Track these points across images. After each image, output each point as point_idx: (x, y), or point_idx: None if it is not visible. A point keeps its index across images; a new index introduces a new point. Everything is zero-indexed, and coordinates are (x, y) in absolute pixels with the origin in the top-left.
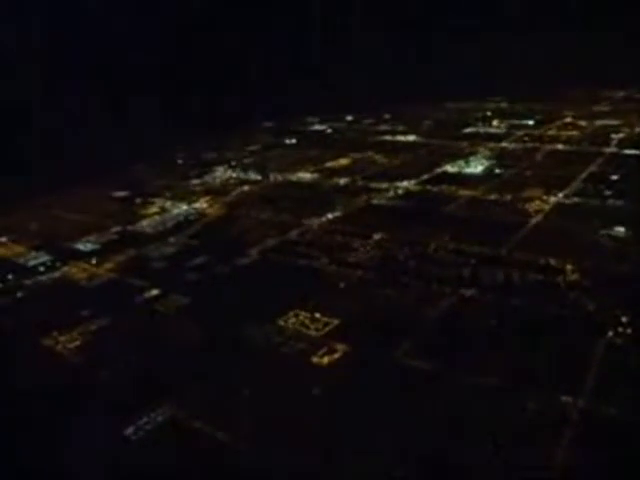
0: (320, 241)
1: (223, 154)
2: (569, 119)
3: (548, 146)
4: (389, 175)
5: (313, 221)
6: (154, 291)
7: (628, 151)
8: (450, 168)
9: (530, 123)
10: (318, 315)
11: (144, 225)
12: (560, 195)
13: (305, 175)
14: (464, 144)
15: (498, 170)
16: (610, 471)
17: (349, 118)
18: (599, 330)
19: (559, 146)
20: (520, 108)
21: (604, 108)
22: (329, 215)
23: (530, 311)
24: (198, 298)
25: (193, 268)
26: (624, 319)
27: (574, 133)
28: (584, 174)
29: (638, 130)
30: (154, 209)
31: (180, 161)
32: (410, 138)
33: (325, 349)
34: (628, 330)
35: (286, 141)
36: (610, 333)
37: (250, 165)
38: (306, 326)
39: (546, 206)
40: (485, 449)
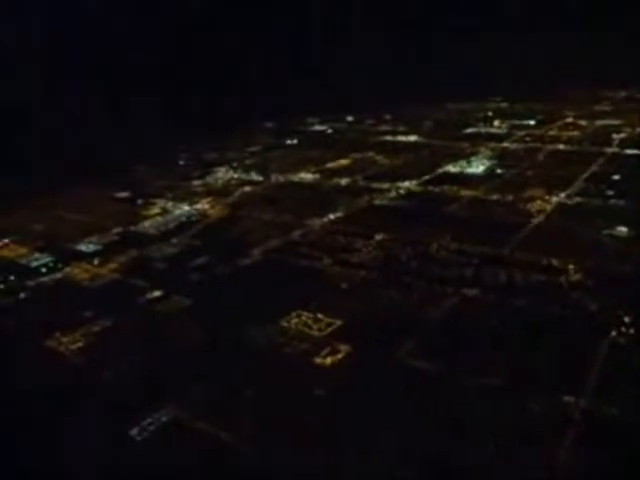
0: (322, 242)
1: (224, 155)
2: (570, 119)
3: (549, 146)
4: (390, 175)
5: (315, 222)
6: (156, 292)
7: (630, 151)
8: (452, 168)
9: (531, 123)
10: (321, 316)
11: (146, 226)
12: (562, 195)
13: (306, 176)
14: (465, 144)
15: (500, 170)
16: (613, 471)
17: (350, 118)
18: (602, 330)
19: (560, 146)
20: (521, 108)
21: (605, 108)
22: (331, 215)
23: (533, 311)
24: (200, 299)
25: (195, 269)
26: (627, 319)
27: (575, 133)
28: (586, 174)
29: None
30: (156, 210)
31: (181, 162)
32: (411, 138)
33: (328, 350)
34: (631, 330)
35: (287, 142)
36: (613, 333)
37: (251, 166)
38: (309, 326)
39: (548, 206)
40: (487, 449)
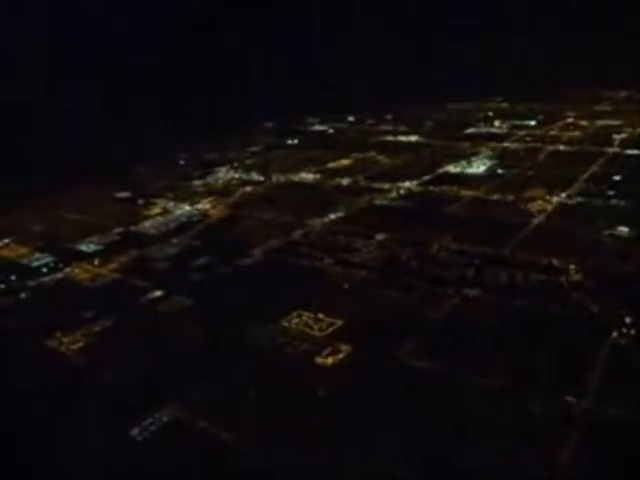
0: (323, 241)
1: (225, 155)
2: (570, 119)
3: (550, 146)
4: (391, 175)
5: (316, 222)
6: (157, 292)
7: (630, 151)
8: (452, 168)
9: (531, 123)
10: (321, 315)
11: (147, 226)
12: (562, 195)
13: (307, 176)
14: (466, 144)
15: (500, 170)
16: (614, 472)
17: (350, 118)
18: (603, 331)
19: (561, 146)
20: (521, 108)
21: (605, 108)
22: (332, 215)
23: (533, 312)
24: (201, 299)
25: (196, 269)
26: (628, 320)
27: (576, 133)
28: (586, 174)
29: None
30: (156, 210)
31: (182, 161)
32: (412, 138)
33: (329, 350)
34: (632, 331)
35: (288, 142)
36: (614, 334)
37: (252, 166)
38: (310, 326)
39: (549, 206)
40: (488, 450)
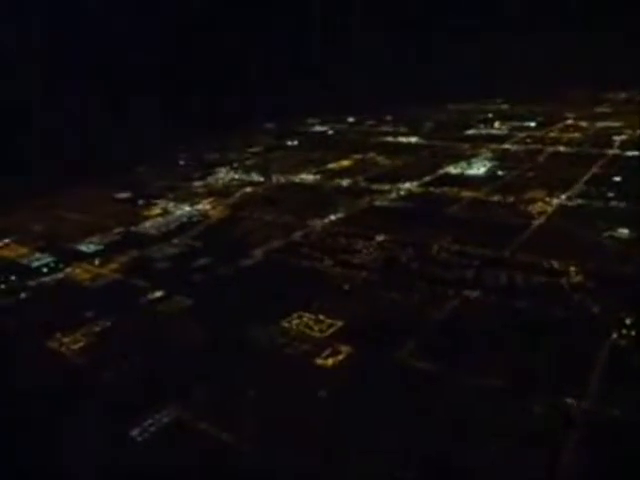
0: (323, 243)
1: (225, 155)
2: (570, 121)
3: (550, 148)
4: (391, 176)
5: (316, 222)
6: (157, 292)
7: (630, 153)
8: (452, 170)
9: (532, 125)
10: (322, 316)
11: (147, 226)
12: (563, 197)
13: (307, 177)
14: (466, 146)
15: (500, 172)
16: (613, 472)
17: (350, 119)
18: (603, 332)
19: (561, 148)
20: (521, 110)
21: (605, 110)
22: (332, 216)
23: (534, 313)
24: (201, 299)
25: (196, 269)
26: (628, 321)
27: (576, 135)
28: (586, 176)
29: None
30: (157, 210)
31: (182, 162)
32: (412, 139)
33: (329, 350)
34: (632, 332)
35: (288, 142)
36: (614, 335)
37: (252, 166)
38: (310, 327)
39: (549, 208)
40: (488, 450)
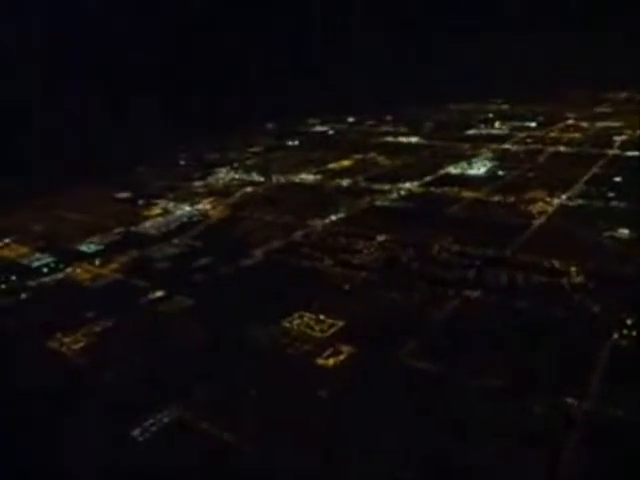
0: (324, 243)
1: (225, 155)
2: (571, 121)
3: (550, 148)
4: (392, 176)
5: (317, 222)
6: (158, 292)
7: (630, 153)
8: (453, 170)
9: (532, 125)
10: (323, 316)
11: (147, 226)
12: (563, 197)
13: (308, 177)
14: (466, 146)
15: (501, 172)
16: (614, 472)
17: (351, 119)
18: (604, 332)
19: (561, 148)
20: (521, 110)
21: (606, 110)
22: (332, 217)
23: (534, 313)
24: (202, 299)
25: (197, 269)
26: (629, 321)
27: (576, 135)
28: (587, 176)
29: None
30: (157, 210)
31: (182, 162)
32: (412, 139)
33: (330, 350)
34: (633, 332)
35: (288, 142)
36: (615, 335)
37: (253, 166)
38: (311, 327)
39: (549, 208)
40: (488, 450)
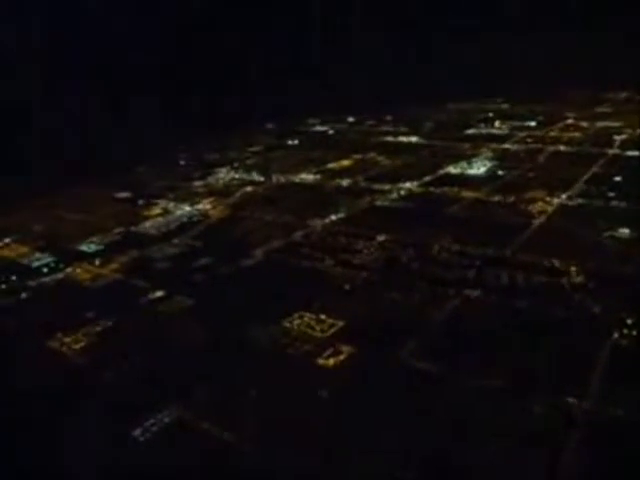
0: (324, 242)
1: (225, 155)
2: (571, 120)
3: (550, 147)
4: (392, 176)
5: (317, 222)
6: (158, 292)
7: (630, 153)
8: (453, 169)
9: (532, 124)
10: (323, 316)
11: (147, 226)
12: (563, 197)
13: (308, 176)
14: (466, 145)
15: (501, 172)
16: (616, 473)
17: (350, 119)
18: (604, 332)
19: (561, 147)
20: (521, 109)
21: (606, 109)
22: (332, 216)
23: (535, 313)
24: (202, 299)
25: (197, 269)
26: (629, 321)
27: (576, 134)
28: (587, 175)
29: None
30: (157, 210)
31: (182, 162)
32: (412, 139)
33: (331, 350)
34: (633, 332)
35: (288, 142)
36: (615, 335)
37: (253, 166)
38: (311, 327)
39: (549, 207)
40: (488, 450)
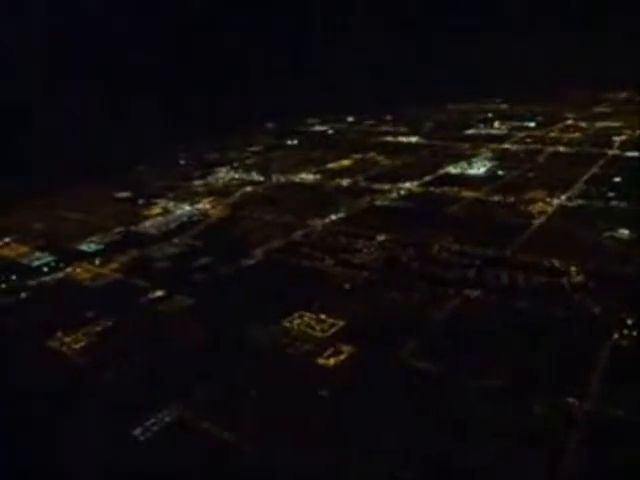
0: (324, 242)
1: (225, 155)
2: (570, 121)
3: (550, 148)
4: (391, 176)
5: (317, 222)
6: (158, 292)
7: (630, 153)
8: (452, 169)
9: (531, 125)
10: (323, 316)
11: (147, 226)
12: (563, 197)
13: (308, 176)
14: (466, 145)
15: (500, 172)
16: (616, 473)
17: (350, 119)
18: (604, 332)
19: (561, 148)
20: (521, 110)
21: (605, 110)
22: (332, 216)
23: (535, 313)
24: (202, 299)
25: (197, 269)
26: (629, 321)
27: (576, 135)
28: (586, 176)
29: None
30: (157, 210)
31: (182, 161)
32: (412, 139)
33: (331, 350)
34: (633, 332)
35: (288, 142)
36: (615, 335)
37: (252, 166)
38: (311, 327)
39: (549, 208)
40: (488, 450)
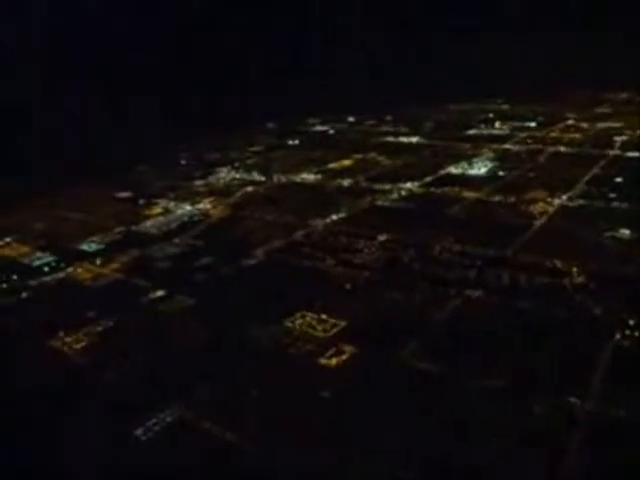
0: (325, 242)
1: (226, 155)
2: (571, 121)
3: (551, 148)
4: (392, 176)
5: (318, 222)
6: (159, 292)
7: (631, 154)
8: (453, 170)
9: (532, 125)
10: (325, 316)
11: (148, 226)
12: (564, 197)
13: (309, 176)
14: (467, 146)
15: (501, 172)
16: (617, 473)
17: (351, 119)
18: (606, 333)
19: (562, 148)
20: (522, 110)
21: (606, 110)
22: (333, 216)
23: (536, 313)
24: (203, 299)
25: (198, 269)
26: (631, 322)
27: (576, 135)
28: (587, 176)
29: None
30: (158, 210)
31: (183, 161)
32: (413, 139)
33: (333, 350)
34: (635, 333)
35: (289, 142)
36: (617, 336)
37: (253, 166)
38: (313, 327)
39: (550, 208)
40: (490, 450)
